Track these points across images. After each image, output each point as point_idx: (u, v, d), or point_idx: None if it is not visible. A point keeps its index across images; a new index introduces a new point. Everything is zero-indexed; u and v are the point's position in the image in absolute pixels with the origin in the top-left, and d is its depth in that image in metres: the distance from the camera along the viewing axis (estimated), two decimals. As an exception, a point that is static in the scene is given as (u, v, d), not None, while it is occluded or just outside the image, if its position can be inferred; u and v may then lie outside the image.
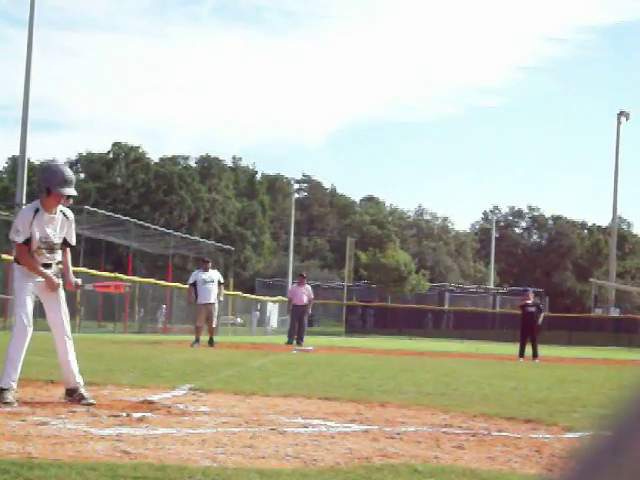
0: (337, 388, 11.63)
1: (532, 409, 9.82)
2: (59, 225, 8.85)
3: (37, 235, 8.73)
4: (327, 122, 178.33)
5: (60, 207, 8.91)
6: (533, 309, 26.55)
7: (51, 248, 8.83)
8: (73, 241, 9.12)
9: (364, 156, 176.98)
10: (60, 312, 8.98)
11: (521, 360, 25.37)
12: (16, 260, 9.00)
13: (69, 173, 8.90)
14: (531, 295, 27.40)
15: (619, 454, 1.27)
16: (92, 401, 8.67)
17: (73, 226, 9.08)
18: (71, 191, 8.83)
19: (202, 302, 25.27)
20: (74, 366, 8.93)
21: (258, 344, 30.26)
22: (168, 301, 46.24)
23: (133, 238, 48.52)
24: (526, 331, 26.37)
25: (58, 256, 9.05)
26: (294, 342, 29.44)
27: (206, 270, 25.69)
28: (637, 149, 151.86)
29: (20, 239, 8.78)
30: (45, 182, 8.76)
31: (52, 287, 8.84)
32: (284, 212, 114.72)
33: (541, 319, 26.94)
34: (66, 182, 8.75)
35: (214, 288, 25.46)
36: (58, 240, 8.90)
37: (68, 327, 9.01)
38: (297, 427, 7.51)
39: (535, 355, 25.79)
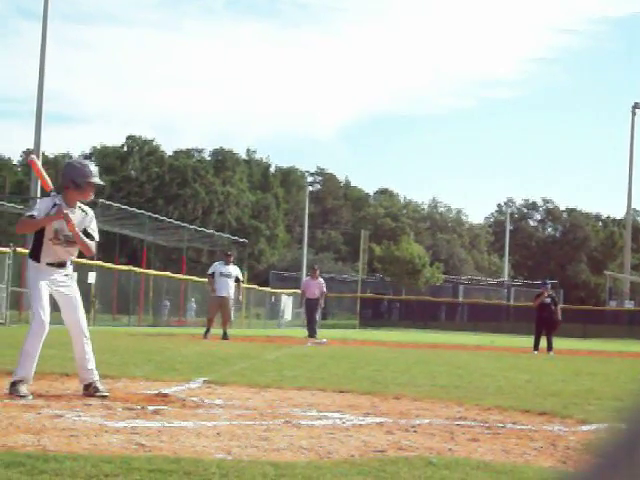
0: (351, 381, 11.64)
1: (547, 402, 9.81)
2: (77, 220, 8.83)
3: (54, 226, 8.74)
4: (341, 115, 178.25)
5: (79, 204, 8.95)
6: (548, 300, 26.49)
7: (67, 241, 8.82)
8: (95, 235, 9.04)
9: (378, 149, 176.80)
10: (77, 312, 8.98)
11: (535, 353, 25.32)
12: (30, 255, 9.00)
13: (94, 165, 9.15)
14: (548, 288, 27.23)
15: (634, 447, 1.26)
16: (106, 393, 8.69)
17: (94, 221, 9.08)
18: (99, 180, 9.05)
19: (216, 294, 25.39)
20: (91, 363, 8.93)
21: (272, 337, 30.29)
22: (182, 294, 46.34)
23: (147, 231, 48.62)
24: (541, 324, 26.33)
25: (75, 251, 9.03)
26: (316, 335, 29.46)
27: (227, 264, 25.78)
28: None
29: (33, 214, 8.81)
30: (72, 176, 8.80)
31: (62, 216, 8.70)
32: (298, 205, 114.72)
33: (560, 313, 26.85)
34: (93, 173, 8.93)
35: (230, 282, 25.53)
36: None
37: (85, 327, 9.00)
38: (312, 420, 7.52)
39: (550, 348, 25.73)
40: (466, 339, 41.79)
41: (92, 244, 8.93)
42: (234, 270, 25.89)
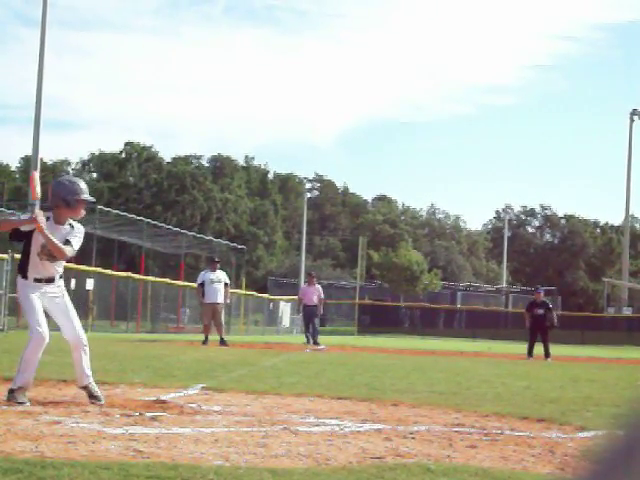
0: (349, 387, 11.63)
1: (545, 408, 9.81)
2: (63, 236, 8.75)
3: (40, 241, 8.69)
4: (339, 121, 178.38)
5: (70, 221, 8.89)
6: (541, 311, 26.29)
7: (52, 256, 8.77)
8: (73, 243, 8.77)
9: (376, 155, 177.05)
10: (72, 321, 8.95)
11: (530, 359, 25.19)
12: (18, 271, 8.97)
13: (83, 182, 9.06)
14: (542, 294, 27.08)
15: (632, 454, 1.26)
16: (101, 402, 8.67)
17: (79, 235, 8.92)
18: (90, 197, 8.98)
19: (208, 301, 25.86)
20: (87, 368, 8.93)
21: (270, 343, 30.29)
22: (180, 300, 46.32)
23: (146, 238, 48.61)
24: (535, 329, 26.17)
25: (60, 267, 8.97)
26: (311, 342, 29.45)
27: (214, 270, 26.18)
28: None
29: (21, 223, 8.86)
30: (62, 195, 8.75)
31: (37, 222, 8.58)
32: (296, 211, 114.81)
33: (555, 319, 26.66)
34: (83, 190, 8.85)
35: (221, 288, 25.96)
36: None
37: (83, 334, 8.97)
38: (310, 426, 7.52)
39: (547, 354, 25.59)
40: (464, 346, 41.77)
41: (66, 248, 8.69)
42: (222, 275, 26.33)
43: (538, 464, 6.12)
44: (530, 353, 25.95)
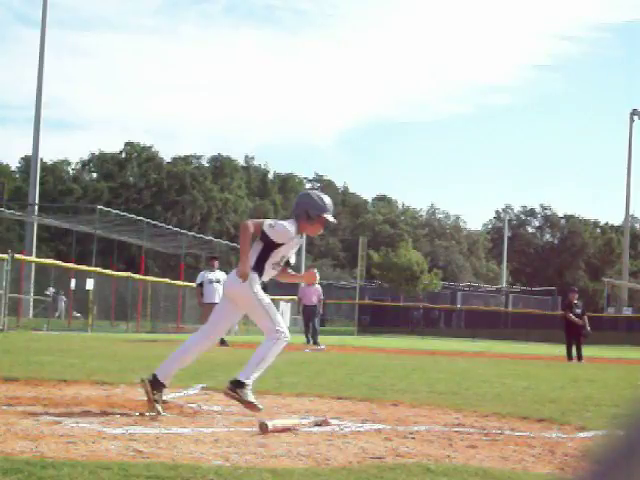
0: (349, 387, 11.63)
1: (545, 408, 9.80)
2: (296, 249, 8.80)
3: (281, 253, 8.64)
4: (339, 121, 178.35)
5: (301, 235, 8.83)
6: (579, 311, 25.76)
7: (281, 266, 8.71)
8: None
9: (376, 155, 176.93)
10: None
11: (572, 362, 24.70)
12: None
13: (329, 200, 8.93)
14: (576, 295, 26.49)
15: (632, 454, 1.26)
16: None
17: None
18: (333, 219, 8.89)
19: (207, 301, 25.77)
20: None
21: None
22: (180, 300, 46.32)
23: (146, 238, 48.60)
24: (572, 333, 25.64)
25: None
26: (311, 342, 29.46)
27: (213, 269, 26.12)
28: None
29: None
30: (307, 207, 8.72)
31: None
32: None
33: (588, 326, 25.86)
34: (328, 208, 8.82)
35: (219, 288, 25.87)
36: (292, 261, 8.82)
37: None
38: (310, 426, 7.51)
39: (580, 357, 25.18)
40: (464, 346, 41.75)
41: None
42: (221, 276, 26.26)
43: (538, 464, 6.12)
44: (570, 356, 25.40)
